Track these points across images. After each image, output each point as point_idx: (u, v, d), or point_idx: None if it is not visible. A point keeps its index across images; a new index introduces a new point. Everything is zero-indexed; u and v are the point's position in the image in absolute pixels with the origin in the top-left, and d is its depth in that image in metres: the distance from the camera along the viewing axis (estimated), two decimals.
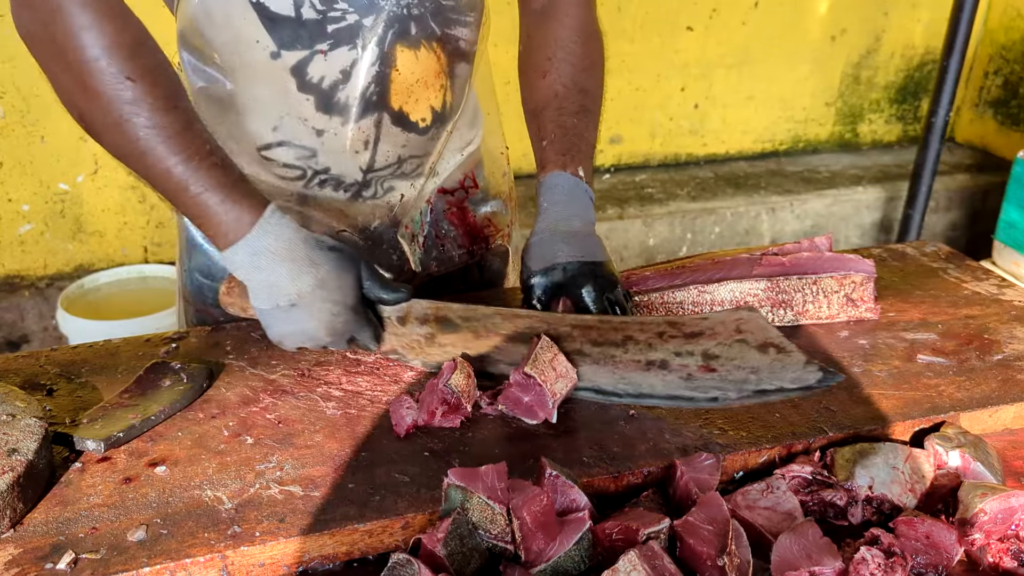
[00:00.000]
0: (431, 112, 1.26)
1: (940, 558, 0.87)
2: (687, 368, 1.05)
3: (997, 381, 1.15)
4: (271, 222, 1.06)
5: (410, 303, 1.14)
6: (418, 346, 1.14)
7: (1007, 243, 3.23)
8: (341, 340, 1.12)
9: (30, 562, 0.84)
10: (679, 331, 1.07)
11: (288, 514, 0.90)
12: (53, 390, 1.12)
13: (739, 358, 1.05)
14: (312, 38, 1.14)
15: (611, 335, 1.09)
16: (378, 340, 1.14)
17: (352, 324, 1.10)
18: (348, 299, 1.09)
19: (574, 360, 1.08)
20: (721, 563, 0.82)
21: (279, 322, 1.09)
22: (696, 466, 0.95)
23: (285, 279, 1.05)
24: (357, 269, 1.10)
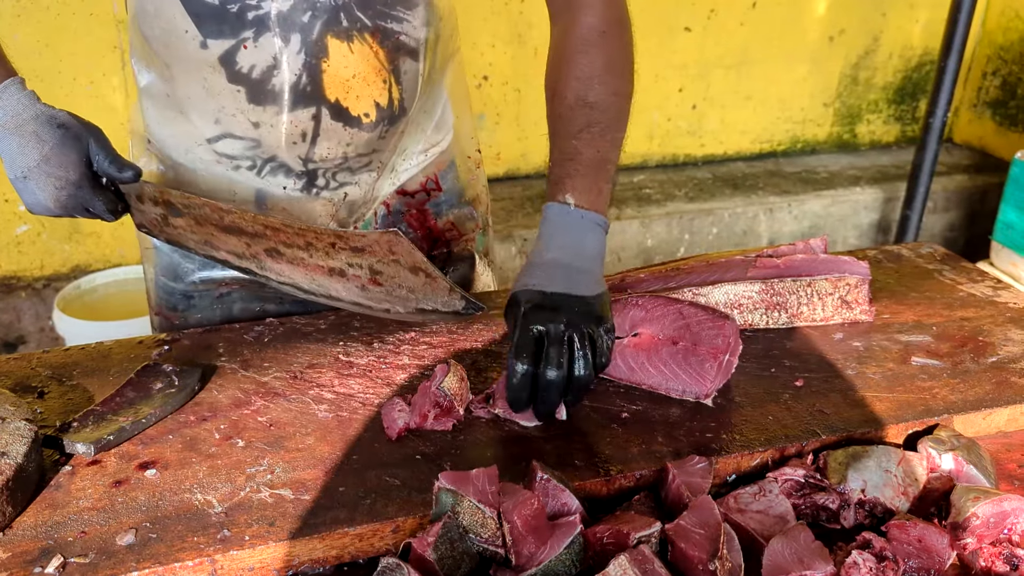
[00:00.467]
0: (375, 108, 1.25)
1: (932, 562, 0.86)
2: (360, 279, 1.16)
3: (991, 384, 1.14)
4: (3, 96, 1.12)
5: (141, 183, 1.19)
6: (158, 224, 1.23)
7: (1005, 244, 3.22)
8: (76, 211, 1.17)
9: (18, 566, 0.83)
10: (346, 244, 1.15)
11: (278, 518, 0.90)
12: (44, 393, 1.11)
13: (397, 276, 1.14)
14: (235, 27, 1.15)
15: (295, 239, 1.17)
16: (115, 213, 1.20)
17: (79, 197, 1.15)
18: (71, 174, 1.13)
19: (273, 257, 1.20)
20: (713, 567, 0.81)
21: (21, 193, 1.15)
22: (688, 470, 0.95)
23: (15, 151, 1.12)
24: (83, 145, 1.14)
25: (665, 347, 1.11)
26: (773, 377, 1.16)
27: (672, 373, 1.10)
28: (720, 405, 1.09)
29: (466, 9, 1.33)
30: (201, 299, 1.38)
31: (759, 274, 1.28)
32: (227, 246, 1.21)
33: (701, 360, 1.09)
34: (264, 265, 1.21)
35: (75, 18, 2.72)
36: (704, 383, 1.08)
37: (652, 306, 1.14)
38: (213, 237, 1.21)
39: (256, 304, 1.39)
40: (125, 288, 2.87)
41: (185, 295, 1.38)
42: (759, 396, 1.11)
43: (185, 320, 1.39)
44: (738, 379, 1.15)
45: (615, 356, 1.13)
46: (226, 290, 1.38)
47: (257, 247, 1.20)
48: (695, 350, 1.10)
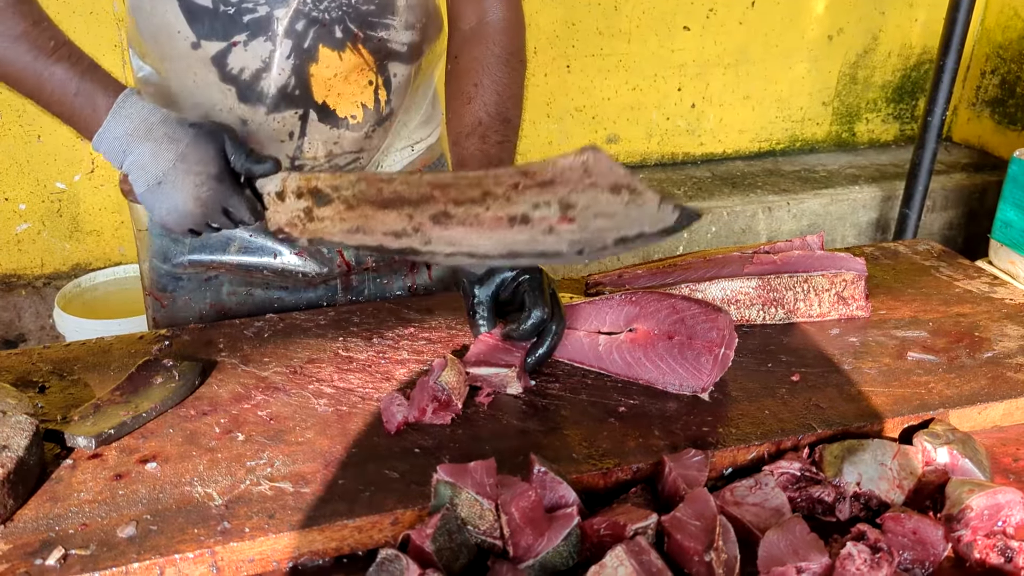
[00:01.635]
0: (362, 109, 1.27)
1: (927, 554, 0.87)
2: (547, 220, 1.04)
3: (987, 378, 1.15)
4: (124, 106, 1.07)
5: (284, 174, 1.14)
6: (299, 222, 1.14)
7: (1003, 242, 3.23)
8: (216, 213, 1.11)
9: (20, 558, 0.84)
10: (532, 180, 1.05)
11: (278, 510, 0.90)
12: (45, 387, 1.12)
13: (594, 204, 1.02)
14: (228, 29, 1.16)
15: (469, 192, 1.07)
16: (255, 213, 1.13)
17: (219, 193, 1.10)
18: (211, 168, 1.09)
19: (441, 223, 1.08)
20: (708, 559, 0.82)
21: (156, 204, 1.10)
22: (684, 462, 0.96)
23: (148, 158, 1.07)
24: (220, 141, 1.11)
25: (661, 342, 1.12)
26: (769, 372, 1.16)
27: (669, 368, 1.11)
28: (716, 399, 1.10)
29: None
30: (189, 281, 1.40)
31: (756, 270, 1.28)
32: (383, 226, 1.11)
33: (697, 354, 1.10)
34: (430, 237, 1.09)
35: (75, 16, 2.73)
36: (701, 377, 1.09)
37: (647, 301, 1.15)
38: (367, 219, 1.11)
39: (243, 288, 1.41)
40: (125, 286, 2.88)
41: (174, 276, 1.40)
42: (755, 390, 1.12)
43: (174, 301, 1.40)
44: (735, 374, 1.15)
45: (612, 352, 1.14)
46: (213, 274, 1.40)
47: (421, 216, 1.08)
48: (691, 344, 1.10)
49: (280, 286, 1.42)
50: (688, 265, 1.32)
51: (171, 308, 1.41)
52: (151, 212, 1.11)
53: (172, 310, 1.41)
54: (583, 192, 1.01)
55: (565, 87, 3.60)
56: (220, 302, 1.41)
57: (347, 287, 1.46)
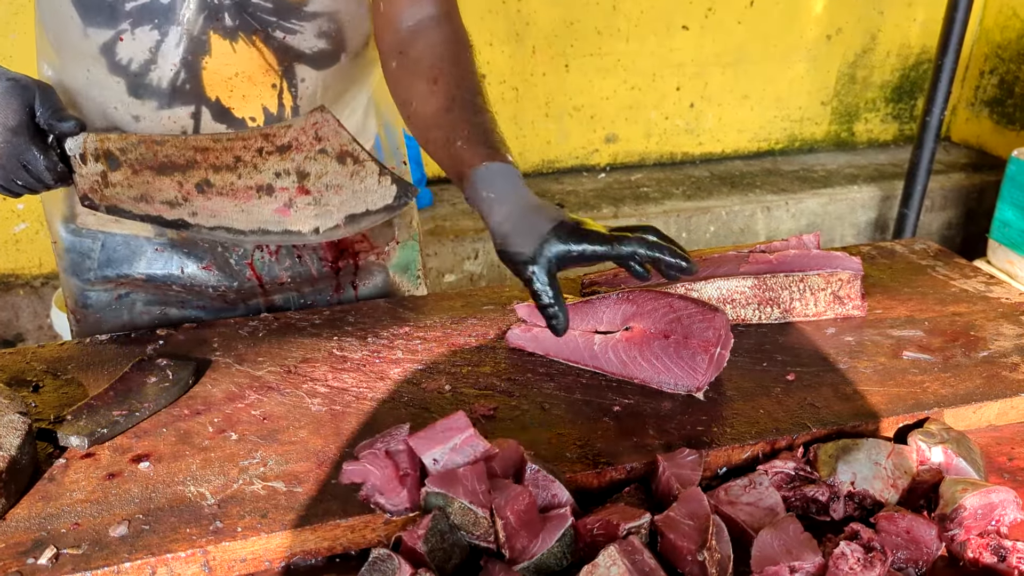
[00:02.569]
0: (263, 112, 1.23)
1: (920, 553, 0.87)
2: (288, 191, 1.10)
3: (982, 378, 1.15)
4: None
5: (85, 135, 1.13)
6: (98, 188, 1.15)
7: (1001, 242, 3.23)
8: (14, 167, 1.10)
9: (11, 557, 0.84)
10: (273, 144, 1.10)
11: (271, 510, 0.90)
12: (39, 386, 1.12)
13: (325, 174, 1.09)
14: (114, 16, 1.13)
15: (224, 156, 1.12)
16: (55, 174, 1.12)
17: (14, 146, 1.08)
18: (9, 121, 1.08)
19: (204, 192, 1.12)
20: (701, 558, 0.82)
21: None
22: (678, 462, 0.95)
23: None
24: (29, 95, 1.09)
25: (657, 341, 1.12)
26: (765, 371, 1.16)
27: (664, 367, 1.11)
28: (711, 399, 1.10)
29: (463, 7, 1.32)
30: (99, 298, 1.36)
31: (752, 269, 1.28)
32: (161, 194, 1.15)
33: (693, 353, 1.09)
34: (195, 207, 1.15)
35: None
36: (696, 376, 1.09)
37: (643, 300, 1.14)
38: (149, 186, 1.14)
39: (157, 307, 1.37)
40: None
41: (86, 292, 1.36)
42: (751, 390, 1.12)
43: (86, 319, 1.37)
44: (730, 373, 1.15)
45: (608, 350, 1.14)
46: (124, 291, 1.35)
47: (189, 183, 1.14)
48: (686, 343, 1.10)
49: (197, 305, 1.37)
50: None
51: (84, 325, 1.37)
52: None
53: (85, 327, 1.37)
54: (316, 160, 1.09)
55: (564, 86, 3.60)
56: (132, 320, 1.36)
57: (270, 306, 1.41)
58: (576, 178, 3.78)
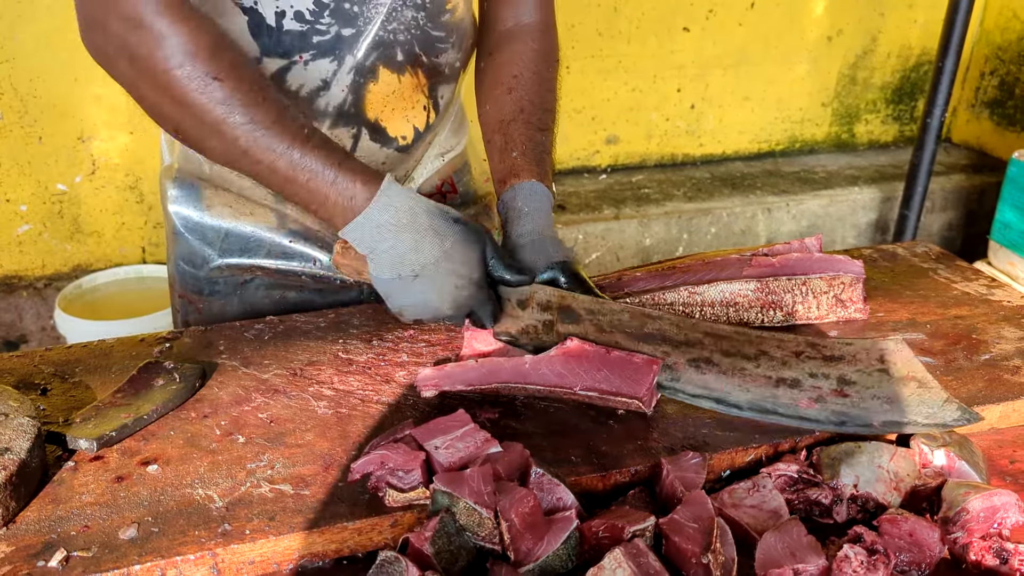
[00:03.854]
0: (413, 131, 1.29)
1: (923, 556, 0.88)
2: (819, 390, 1.03)
3: (984, 381, 1.15)
4: (390, 194, 1.05)
5: (533, 288, 1.12)
6: (534, 331, 1.13)
7: (1002, 243, 3.24)
8: (461, 314, 1.11)
9: (22, 560, 0.84)
10: (818, 352, 1.05)
11: (278, 512, 0.91)
12: (47, 390, 1.13)
13: (876, 387, 1.02)
14: (294, 48, 1.15)
15: (745, 348, 1.07)
16: (495, 319, 1.13)
17: (475, 299, 1.09)
18: (473, 273, 1.08)
19: (701, 368, 1.06)
20: (706, 560, 0.83)
21: (400, 294, 1.08)
22: (682, 465, 0.96)
23: (409, 250, 1.05)
24: (483, 244, 1.09)
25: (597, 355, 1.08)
26: None
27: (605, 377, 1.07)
28: None
29: None
30: (225, 285, 1.39)
31: (754, 273, 1.29)
32: None
33: (637, 367, 1.06)
34: (680, 376, 1.09)
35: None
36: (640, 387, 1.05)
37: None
38: (615, 345, 1.10)
39: (277, 291, 1.40)
40: (126, 288, 2.88)
41: (209, 280, 1.38)
42: None
43: (209, 306, 1.39)
44: None
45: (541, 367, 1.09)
46: (248, 276, 1.38)
47: (679, 356, 1.08)
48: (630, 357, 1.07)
49: (314, 288, 1.41)
50: (687, 268, 1.33)
51: (206, 312, 1.39)
52: (388, 298, 1.10)
53: (207, 315, 1.40)
54: (870, 375, 1.02)
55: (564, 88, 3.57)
56: (254, 304, 1.40)
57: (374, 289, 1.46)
58: (577, 179, 3.78)
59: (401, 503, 0.92)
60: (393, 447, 0.95)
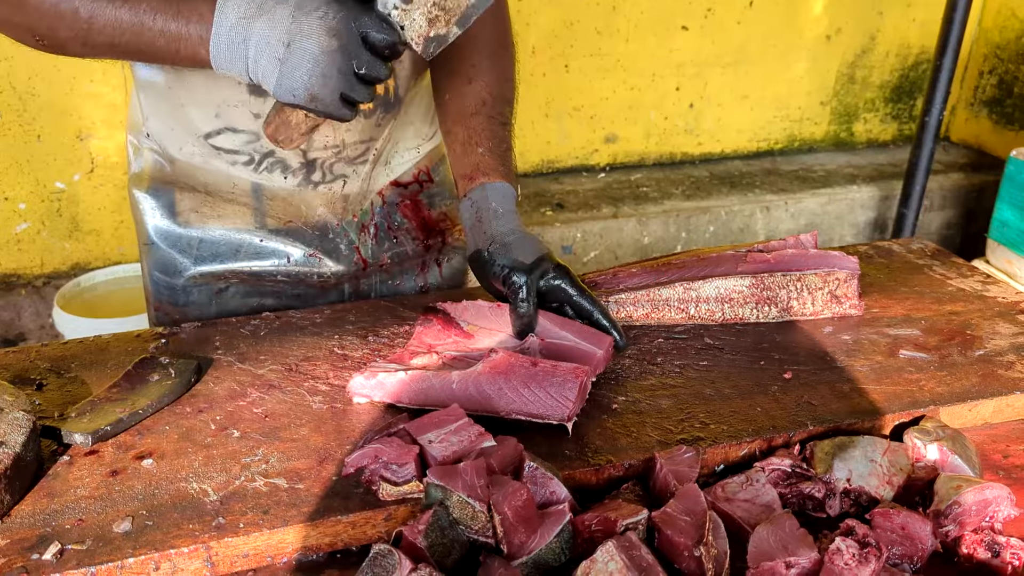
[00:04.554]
0: None
1: (915, 549, 0.88)
2: None
3: (978, 376, 1.16)
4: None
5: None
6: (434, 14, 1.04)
7: (1000, 241, 3.24)
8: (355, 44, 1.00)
9: (16, 553, 0.85)
10: None
11: (272, 506, 0.91)
12: (43, 385, 1.13)
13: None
14: None
15: None
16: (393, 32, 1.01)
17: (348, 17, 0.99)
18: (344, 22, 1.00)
19: None
20: (698, 553, 0.83)
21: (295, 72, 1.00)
22: (676, 459, 0.96)
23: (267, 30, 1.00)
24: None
25: (523, 368, 1.05)
26: (762, 369, 1.17)
27: (532, 397, 1.04)
28: (709, 397, 1.11)
29: None
30: (200, 294, 1.39)
31: (750, 269, 1.29)
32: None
33: (562, 381, 1.03)
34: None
35: None
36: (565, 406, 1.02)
37: None
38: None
39: (254, 299, 1.41)
40: (125, 285, 2.88)
41: (184, 290, 1.39)
42: (748, 388, 1.13)
43: (184, 315, 1.40)
44: (728, 371, 1.16)
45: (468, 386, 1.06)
46: (223, 284, 1.39)
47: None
48: (555, 370, 1.04)
49: (292, 294, 1.42)
50: (682, 264, 1.33)
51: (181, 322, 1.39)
52: (295, 93, 1.01)
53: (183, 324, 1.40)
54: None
55: (563, 87, 3.61)
56: (231, 314, 1.38)
57: (356, 291, 1.47)
58: (576, 178, 3.78)
59: (395, 497, 0.92)
60: (387, 441, 0.96)
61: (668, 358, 1.20)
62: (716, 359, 1.20)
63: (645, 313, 1.27)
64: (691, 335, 1.26)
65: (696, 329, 1.27)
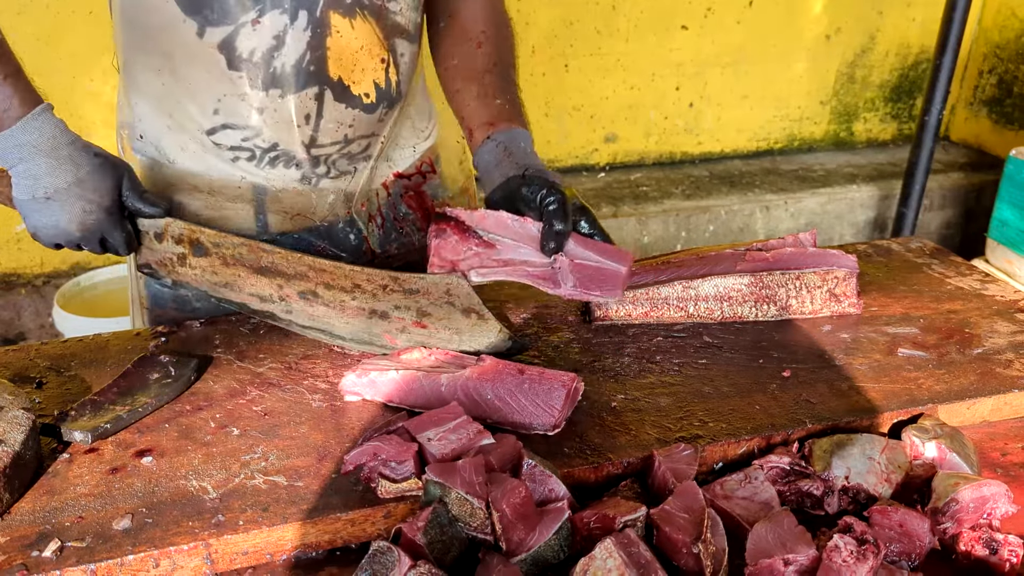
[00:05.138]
0: (375, 88, 1.29)
1: (913, 546, 0.88)
2: (403, 321, 1.16)
3: (976, 374, 1.16)
4: (40, 118, 1.11)
5: (168, 221, 1.20)
6: (171, 264, 1.21)
7: (1000, 241, 3.24)
8: (93, 239, 1.17)
9: (16, 550, 0.85)
10: (400, 286, 1.16)
11: (272, 503, 0.91)
12: (43, 383, 1.13)
13: (447, 319, 1.15)
14: (237, 9, 1.16)
15: (342, 281, 1.17)
16: (130, 248, 1.21)
17: (104, 224, 1.15)
18: (104, 200, 1.14)
19: (308, 299, 1.19)
20: (696, 550, 0.83)
21: (35, 213, 1.14)
22: (674, 456, 0.97)
23: (44, 172, 1.11)
24: (119, 176, 1.16)
25: (509, 376, 1.05)
26: (761, 368, 1.17)
27: (518, 405, 1.04)
28: (707, 394, 1.11)
29: None
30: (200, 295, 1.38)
31: (749, 267, 1.29)
32: (253, 288, 1.21)
33: (548, 389, 1.03)
34: (292, 308, 1.20)
35: (75, 16, 2.74)
36: (551, 414, 1.02)
37: None
38: (239, 279, 1.20)
39: None
40: (124, 285, 2.87)
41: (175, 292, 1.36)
42: (747, 386, 1.13)
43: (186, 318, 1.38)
44: (727, 369, 1.16)
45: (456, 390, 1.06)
46: None
47: (290, 289, 1.19)
48: (541, 377, 1.05)
49: None
50: (681, 262, 1.33)
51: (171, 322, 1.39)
52: (25, 219, 1.16)
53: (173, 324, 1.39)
54: (441, 308, 1.15)
55: (563, 86, 3.61)
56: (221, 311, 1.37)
57: None
58: (576, 177, 3.79)
59: (394, 494, 0.92)
60: (386, 439, 0.96)
61: (667, 356, 1.20)
62: (715, 357, 1.20)
63: (644, 311, 1.28)
64: (690, 333, 1.26)
65: (695, 327, 1.27)
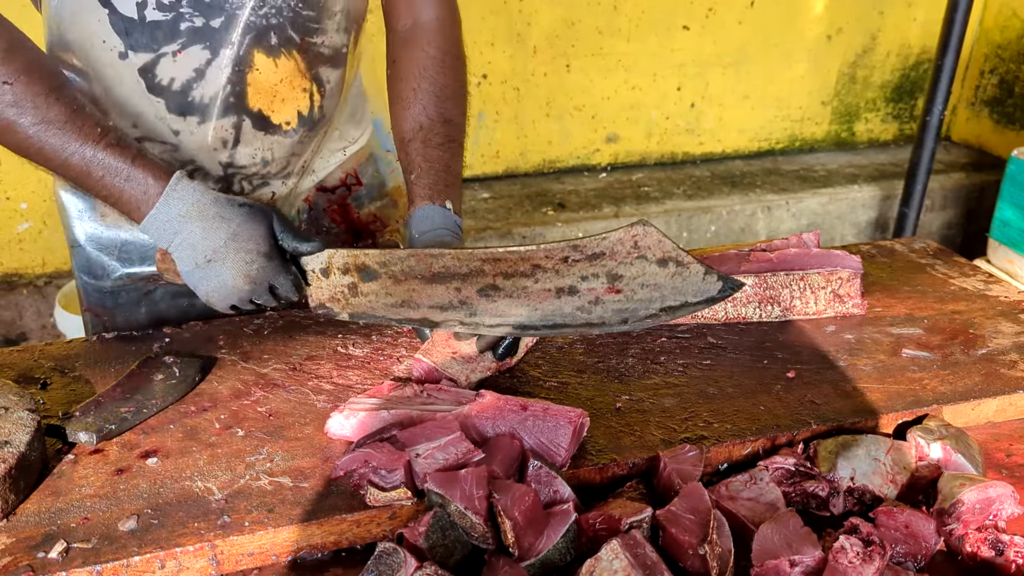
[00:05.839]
0: (297, 116, 1.27)
1: (919, 547, 0.88)
2: (595, 291, 1.06)
3: (980, 375, 1.16)
4: (177, 189, 1.08)
5: (330, 253, 1.15)
6: (343, 298, 1.16)
7: (1001, 241, 3.23)
8: (262, 289, 1.12)
9: (22, 551, 0.85)
10: (581, 253, 1.06)
11: (277, 504, 0.91)
12: (47, 383, 1.13)
13: (642, 275, 1.05)
14: (160, 39, 1.14)
15: (520, 265, 1.09)
16: (299, 289, 1.15)
17: (268, 270, 1.11)
18: (261, 247, 1.11)
19: (489, 296, 1.10)
20: (702, 552, 0.83)
21: (203, 281, 1.11)
22: (679, 458, 0.96)
23: (199, 238, 1.08)
24: (268, 219, 1.13)
25: (512, 413, 1.02)
26: (765, 368, 1.17)
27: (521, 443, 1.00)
28: (712, 395, 1.11)
29: (464, 8, 1.34)
30: (128, 296, 1.37)
31: (753, 268, 1.29)
32: (431, 299, 1.12)
33: (554, 426, 0.99)
34: (476, 309, 1.11)
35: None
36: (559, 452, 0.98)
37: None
38: (414, 292, 1.12)
39: (184, 299, 1.38)
40: None
41: (112, 292, 1.36)
42: (751, 387, 1.13)
43: (113, 318, 1.38)
44: (731, 370, 1.16)
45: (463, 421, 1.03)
46: (151, 286, 1.37)
47: (469, 289, 1.10)
48: (546, 414, 1.01)
49: None
50: None
51: (111, 326, 1.38)
52: (196, 289, 1.12)
53: (111, 326, 1.38)
54: (631, 265, 1.04)
55: (564, 86, 3.61)
56: (160, 315, 1.38)
57: None
58: (577, 178, 3.78)
59: (381, 502, 0.91)
60: (378, 446, 0.95)
61: (671, 357, 1.20)
62: (719, 358, 1.20)
63: None
64: (694, 334, 1.26)
65: (699, 328, 1.27)
